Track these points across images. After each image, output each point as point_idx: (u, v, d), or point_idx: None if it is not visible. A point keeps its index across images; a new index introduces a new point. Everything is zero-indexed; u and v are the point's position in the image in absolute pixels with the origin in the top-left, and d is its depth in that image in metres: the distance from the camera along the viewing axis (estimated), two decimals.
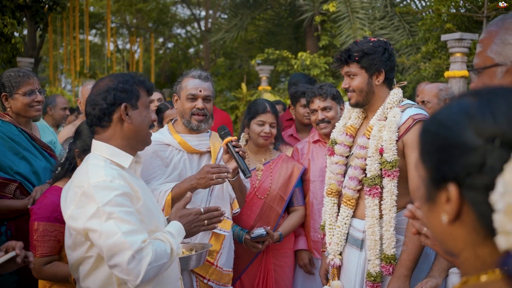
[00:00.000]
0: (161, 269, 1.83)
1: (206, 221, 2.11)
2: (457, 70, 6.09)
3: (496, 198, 0.72)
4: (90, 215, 1.75)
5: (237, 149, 2.63)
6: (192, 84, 2.81)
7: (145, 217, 1.88)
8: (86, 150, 2.42)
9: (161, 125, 3.98)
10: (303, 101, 3.85)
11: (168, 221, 2.07)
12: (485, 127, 0.78)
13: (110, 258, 1.75)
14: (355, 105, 2.57)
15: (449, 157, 0.81)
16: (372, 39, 2.54)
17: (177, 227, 1.99)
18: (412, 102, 2.54)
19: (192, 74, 2.86)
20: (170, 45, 20.23)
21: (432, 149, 0.85)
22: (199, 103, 2.78)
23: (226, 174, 2.58)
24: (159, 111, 4.12)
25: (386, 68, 2.49)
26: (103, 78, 2.03)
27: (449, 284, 2.45)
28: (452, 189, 0.80)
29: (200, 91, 2.79)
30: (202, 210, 2.10)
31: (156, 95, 4.60)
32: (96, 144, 1.95)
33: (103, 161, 1.89)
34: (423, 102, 3.97)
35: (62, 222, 1.92)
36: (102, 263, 1.85)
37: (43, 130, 3.32)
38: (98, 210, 1.75)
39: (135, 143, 1.97)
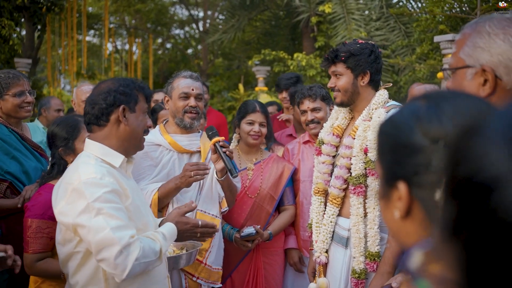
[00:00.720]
0: (148, 266, 1.88)
1: (199, 234, 2.20)
2: None
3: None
4: (80, 211, 1.81)
5: (224, 149, 2.67)
6: (184, 83, 2.87)
7: (133, 215, 1.93)
8: (67, 141, 2.46)
9: (155, 125, 4.02)
10: None
11: (165, 220, 2.13)
12: (431, 129, 0.82)
13: (98, 253, 1.80)
14: (340, 105, 2.62)
15: (399, 157, 0.86)
16: (360, 41, 2.59)
17: (171, 230, 2.05)
18: (398, 103, 2.59)
19: (183, 75, 2.93)
20: (168, 45, 20.24)
21: (385, 149, 0.90)
22: (192, 101, 2.84)
23: (204, 171, 2.65)
24: (154, 111, 4.16)
25: (372, 70, 2.54)
26: (106, 80, 2.10)
27: None
28: (402, 187, 0.85)
29: (193, 89, 2.86)
30: (200, 223, 2.17)
31: (160, 96, 4.63)
32: (88, 143, 2.00)
33: (94, 159, 1.94)
34: None
35: (55, 220, 1.96)
36: (89, 259, 1.89)
37: (34, 130, 3.37)
38: (88, 206, 1.80)
39: (129, 146, 2.02)
